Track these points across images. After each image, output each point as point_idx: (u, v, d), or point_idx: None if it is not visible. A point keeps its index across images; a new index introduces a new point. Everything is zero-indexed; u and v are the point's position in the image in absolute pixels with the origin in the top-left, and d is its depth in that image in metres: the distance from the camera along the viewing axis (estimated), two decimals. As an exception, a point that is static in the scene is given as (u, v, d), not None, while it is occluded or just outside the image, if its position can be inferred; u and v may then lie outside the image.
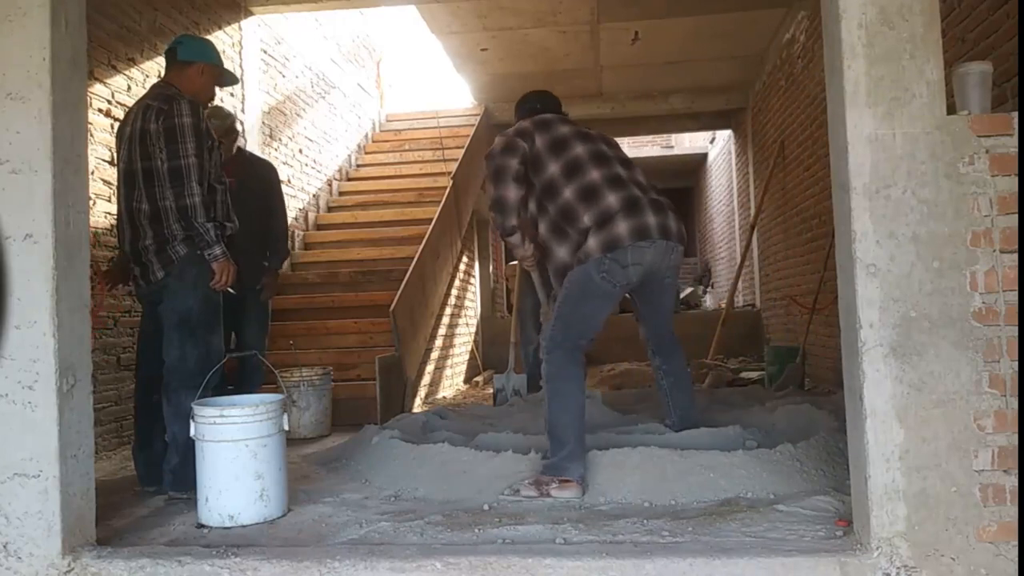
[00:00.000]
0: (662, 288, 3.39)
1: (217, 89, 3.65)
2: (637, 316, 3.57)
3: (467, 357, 9.51)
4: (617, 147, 3.41)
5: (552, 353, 3.07)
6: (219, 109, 4.66)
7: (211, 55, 3.54)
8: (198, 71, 3.46)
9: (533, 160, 3.19)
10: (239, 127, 4.87)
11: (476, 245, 10.75)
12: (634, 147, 15.62)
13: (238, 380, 4.21)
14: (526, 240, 3.30)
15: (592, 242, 3.03)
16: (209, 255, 3.24)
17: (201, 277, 3.26)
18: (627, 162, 3.32)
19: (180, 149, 3.19)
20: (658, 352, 3.59)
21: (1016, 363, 2.15)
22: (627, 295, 3.48)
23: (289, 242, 5.30)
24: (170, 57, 3.48)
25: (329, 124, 8.54)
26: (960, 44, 3.70)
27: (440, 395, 7.88)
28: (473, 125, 9.84)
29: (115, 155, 3.73)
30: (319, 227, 8.00)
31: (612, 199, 3.09)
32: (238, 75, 6.35)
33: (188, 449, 2.98)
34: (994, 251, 2.18)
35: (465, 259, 9.69)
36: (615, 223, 3.04)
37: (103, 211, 4.55)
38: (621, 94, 10.18)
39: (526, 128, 3.27)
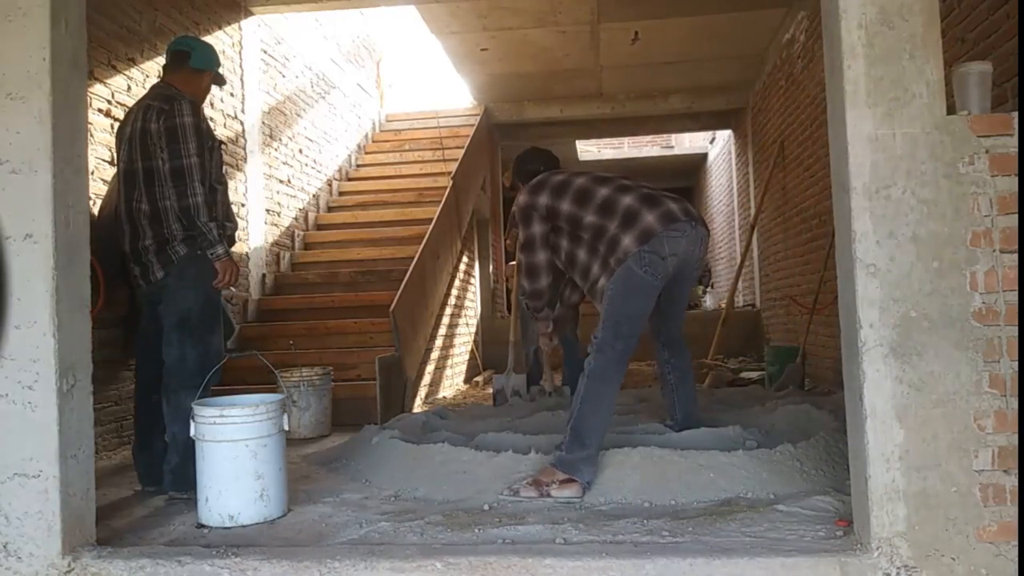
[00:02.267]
0: (687, 281, 3.44)
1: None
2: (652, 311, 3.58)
3: (467, 357, 9.51)
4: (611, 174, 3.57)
5: (602, 353, 3.06)
6: None
7: (218, 63, 3.60)
8: (207, 79, 3.52)
9: (549, 215, 3.34)
10: None
11: (476, 245, 10.75)
12: (634, 147, 15.62)
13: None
14: (551, 318, 3.66)
15: (626, 240, 3.10)
16: (212, 254, 3.25)
17: (200, 277, 3.27)
18: (628, 178, 3.44)
19: (182, 149, 3.20)
20: (668, 345, 3.63)
21: (1016, 363, 2.16)
22: None
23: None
24: (178, 61, 3.47)
25: (329, 124, 8.54)
26: (960, 44, 3.71)
27: (440, 395, 7.88)
28: (473, 125, 9.83)
29: (115, 155, 3.73)
30: (319, 227, 8.00)
31: (629, 199, 3.19)
32: (238, 75, 6.37)
33: (188, 449, 2.98)
34: (994, 251, 2.18)
35: (465, 259, 9.68)
36: (641, 216, 3.12)
37: (103, 211, 4.54)
38: (621, 94, 10.18)
39: (528, 202, 3.39)
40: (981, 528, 2.15)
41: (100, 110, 4.57)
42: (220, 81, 3.65)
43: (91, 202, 4.26)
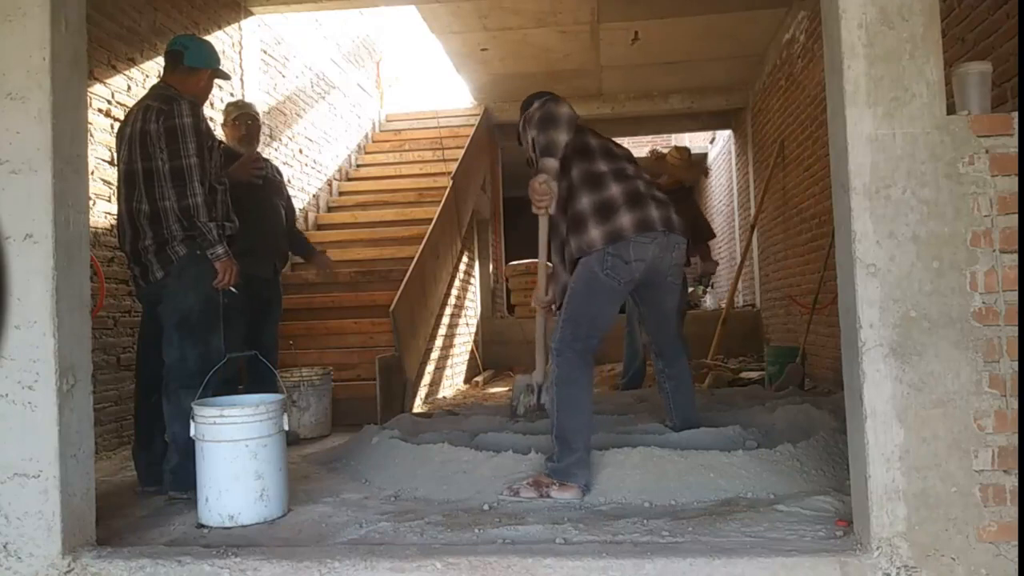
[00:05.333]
0: (665, 288, 3.33)
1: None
2: (640, 318, 3.54)
3: (467, 357, 9.50)
4: (623, 148, 3.42)
5: (563, 355, 3.02)
6: (232, 103, 4.82)
7: (215, 60, 3.58)
8: (204, 76, 3.50)
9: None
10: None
11: (476, 245, 10.75)
12: (634, 147, 15.59)
13: (251, 380, 4.25)
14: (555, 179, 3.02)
15: (595, 232, 3.02)
16: (212, 254, 3.25)
17: (200, 277, 3.27)
18: (633, 161, 3.34)
19: (181, 149, 3.21)
20: (661, 355, 3.56)
21: (1016, 363, 2.16)
22: (630, 297, 3.49)
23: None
24: (173, 61, 3.47)
25: (329, 124, 8.54)
26: (960, 44, 3.71)
27: (440, 395, 7.88)
28: (473, 125, 9.83)
29: (115, 155, 3.73)
30: (319, 227, 8.00)
31: (615, 189, 3.09)
32: (238, 75, 6.37)
33: (188, 449, 2.98)
34: (994, 251, 2.18)
35: (465, 259, 9.68)
36: (618, 215, 3.03)
37: (103, 211, 4.55)
38: (621, 94, 10.18)
39: (560, 103, 3.13)
40: (981, 528, 2.15)
41: (100, 110, 4.57)
42: (223, 76, 3.65)
43: (91, 202, 4.28)
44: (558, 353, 3.03)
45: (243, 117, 4.63)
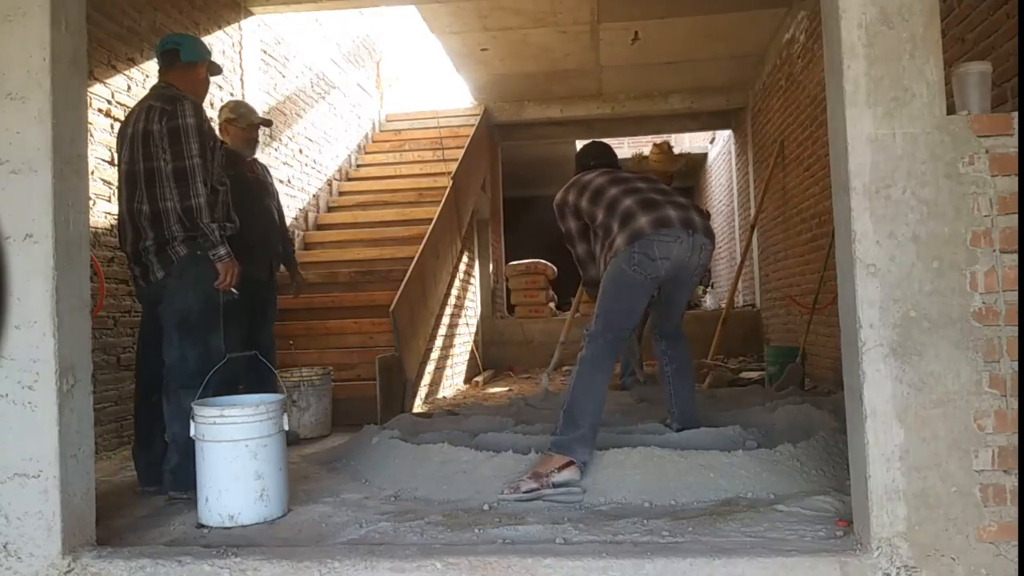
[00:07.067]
0: (687, 285, 3.60)
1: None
2: (652, 308, 3.80)
3: (467, 357, 9.50)
4: (635, 172, 3.84)
5: (593, 342, 3.23)
6: (247, 106, 4.81)
7: (208, 52, 3.60)
8: (202, 69, 3.51)
9: (577, 212, 3.63)
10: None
11: (476, 245, 10.74)
12: (634, 147, 15.60)
13: (251, 380, 4.25)
14: None
15: (619, 240, 3.31)
16: (214, 255, 3.25)
17: (201, 277, 3.27)
18: (648, 179, 3.65)
19: (184, 150, 3.21)
20: (664, 337, 3.77)
21: (1016, 363, 2.16)
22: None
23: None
24: (170, 58, 3.47)
25: (329, 124, 8.54)
26: (960, 44, 3.71)
27: (440, 395, 7.87)
28: (473, 125, 9.83)
29: (115, 155, 3.73)
30: (319, 227, 8.00)
31: (629, 202, 3.39)
32: (238, 75, 6.37)
33: (188, 449, 2.98)
34: (994, 251, 2.18)
35: (465, 259, 9.68)
36: (636, 219, 3.31)
37: (103, 211, 4.55)
38: (621, 94, 10.19)
39: (560, 199, 3.71)
40: (981, 528, 2.15)
41: (100, 110, 4.57)
42: (216, 70, 3.66)
43: (91, 202, 4.28)
44: (590, 340, 3.24)
45: (241, 119, 4.61)
